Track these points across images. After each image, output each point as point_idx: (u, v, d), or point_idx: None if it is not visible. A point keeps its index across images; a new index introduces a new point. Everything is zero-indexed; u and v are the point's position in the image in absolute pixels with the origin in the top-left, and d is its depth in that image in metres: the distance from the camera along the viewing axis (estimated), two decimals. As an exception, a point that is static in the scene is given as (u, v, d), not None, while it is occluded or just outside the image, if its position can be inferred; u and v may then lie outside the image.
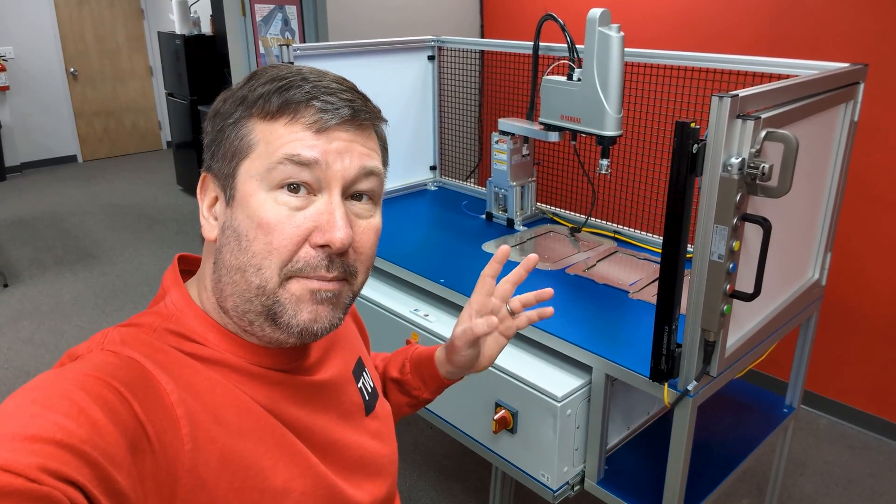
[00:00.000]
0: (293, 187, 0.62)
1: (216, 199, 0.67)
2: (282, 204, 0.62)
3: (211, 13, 5.10)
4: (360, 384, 0.82)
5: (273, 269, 0.62)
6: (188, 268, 0.73)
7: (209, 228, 0.67)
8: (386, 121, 0.71)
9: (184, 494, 0.56)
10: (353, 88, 0.67)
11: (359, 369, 0.83)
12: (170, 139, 6.75)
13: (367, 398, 0.82)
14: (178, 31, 5.15)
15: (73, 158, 6.79)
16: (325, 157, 0.62)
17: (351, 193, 0.65)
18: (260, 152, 0.62)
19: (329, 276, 0.64)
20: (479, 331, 0.83)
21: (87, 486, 0.45)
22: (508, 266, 1.74)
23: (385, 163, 0.70)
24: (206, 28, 5.27)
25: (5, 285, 3.88)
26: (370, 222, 0.68)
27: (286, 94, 0.63)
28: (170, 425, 0.56)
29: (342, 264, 0.65)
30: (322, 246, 0.62)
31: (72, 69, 6.55)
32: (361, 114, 0.65)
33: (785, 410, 1.67)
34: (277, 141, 0.62)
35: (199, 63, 5.09)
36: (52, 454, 0.45)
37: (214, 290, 0.66)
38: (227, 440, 0.60)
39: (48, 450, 0.45)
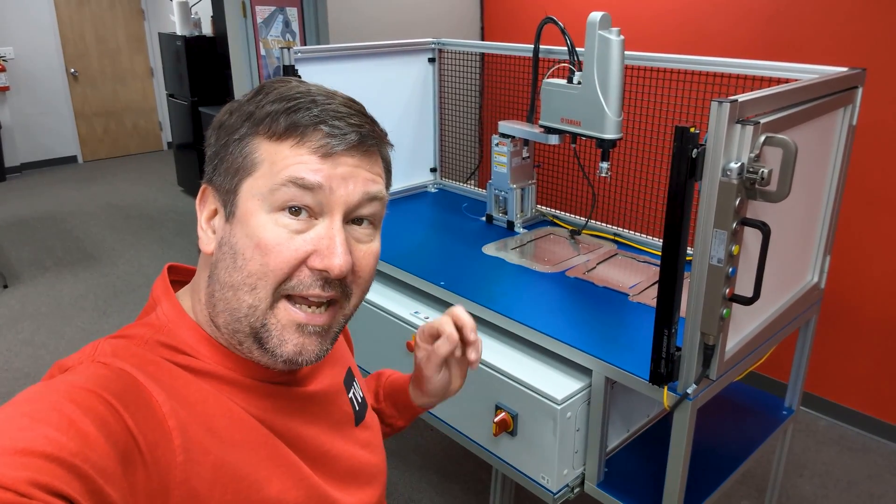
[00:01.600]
0: (294, 210, 0.62)
1: (215, 211, 0.67)
2: (282, 226, 0.62)
3: (212, 14, 5.11)
4: (350, 394, 0.82)
5: (268, 289, 0.62)
6: (178, 278, 0.73)
7: (206, 241, 0.67)
8: (392, 145, 0.70)
9: None
10: (361, 112, 0.67)
11: (349, 380, 0.84)
12: (170, 140, 6.76)
13: (358, 408, 0.82)
14: (178, 32, 5.15)
15: (73, 159, 6.80)
16: (329, 182, 0.62)
17: (352, 218, 0.65)
18: (263, 172, 0.62)
19: (325, 294, 0.64)
20: (443, 351, 0.83)
21: (78, 499, 0.45)
22: (508, 267, 1.75)
23: (388, 185, 0.70)
24: (207, 29, 5.28)
25: (5, 286, 3.88)
26: (370, 247, 0.68)
27: (294, 117, 0.62)
28: (161, 437, 0.56)
29: (339, 285, 0.65)
30: (320, 270, 0.62)
31: (72, 70, 6.56)
32: (368, 139, 0.65)
33: (784, 412, 1.67)
34: (282, 162, 0.62)
35: (200, 64, 5.10)
36: (42, 468, 0.44)
37: (208, 304, 0.66)
38: (220, 451, 0.60)
39: (38, 463, 0.45)
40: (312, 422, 0.73)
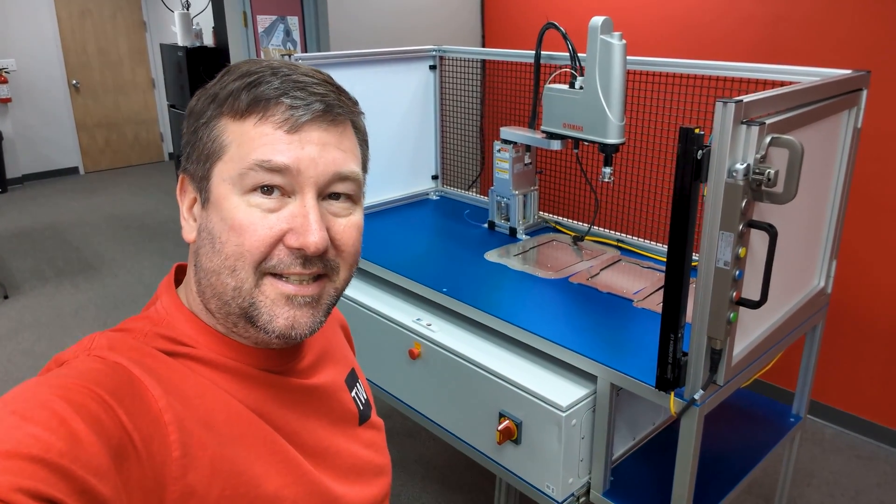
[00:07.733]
0: (266, 189, 0.61)
1: (195, 200, 0.66)
2: (255, 206, 0.61)
3: (213, 25, 5.13)
4: (353, 393, 0.81)
5: (248, 269, 0.61)
6: (183, 277, 0.73)
7: (188, 230, 0.66)
8: (363, 112, 0.68)
9: (172, 502, 0.55)
10: (326, 81, 0.64)
11: (352, 379, 0.82)
12: (171, 151, 6.77)
13: (362, 408, 0.81)
14: (180, 43, 5.17)
15: (74, 170, 6.80)
16: (296, 164, 0.60)
17: (327, 193, 0.64)
18: (231, 155, 0.61)
19: (307, 271, 0.63)
20: None
21: (66, 500, 0.44)
22: (510, 273, 1.74)
23: (365, 159, 0.69)
24: (209, 40, 5.29)
25: (5, 297, 3.87)
26: (350, 220, 0.66)
27: (255, 91, 0.61)
28: (157, 432, 0.55)
29: (321, 261, 0.63)
30: (297, 248, 0.61)
31: (74, 81, 6.58)
32: (335, 108, 0.63)
33: (792, 419, 1.65)
34: (248, 144, 0.60)
35: (202, 75, 5.11)
36: (27, 471, 0.44)
37: (199, 293, 0.66)
38: (217, 447, 0.59)
39: (22, 467, 0.44)
40: (312, 416, 0.71)
